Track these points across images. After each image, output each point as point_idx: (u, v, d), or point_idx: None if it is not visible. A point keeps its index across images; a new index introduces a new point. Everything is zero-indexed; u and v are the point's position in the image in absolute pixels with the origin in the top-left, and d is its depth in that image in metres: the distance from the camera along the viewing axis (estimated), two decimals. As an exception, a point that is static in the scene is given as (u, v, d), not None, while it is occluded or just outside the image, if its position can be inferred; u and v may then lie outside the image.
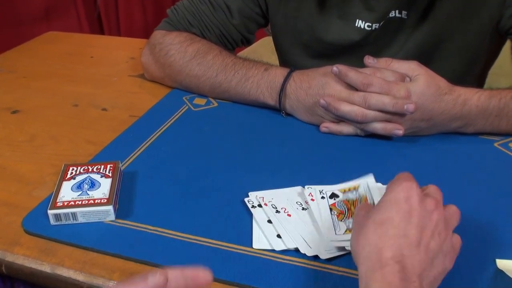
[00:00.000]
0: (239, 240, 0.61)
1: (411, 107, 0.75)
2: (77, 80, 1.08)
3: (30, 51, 1.26)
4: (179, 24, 1.02)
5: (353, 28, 0.95)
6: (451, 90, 0.78)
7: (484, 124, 0.80)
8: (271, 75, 0.88)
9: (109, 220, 0.64)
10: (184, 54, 0.95)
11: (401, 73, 0.80)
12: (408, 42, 0.95)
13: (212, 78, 0.93)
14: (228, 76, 0.91)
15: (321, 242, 0.59)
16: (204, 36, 1.02)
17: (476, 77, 1.07)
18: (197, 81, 0.95)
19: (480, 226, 0.63)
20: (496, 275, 0.56)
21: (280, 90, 0.86)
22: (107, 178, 0.68)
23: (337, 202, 0.65)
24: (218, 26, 1.02)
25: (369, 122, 0.79)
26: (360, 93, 0.78)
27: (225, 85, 0.92)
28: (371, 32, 0.94)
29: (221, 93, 0.94)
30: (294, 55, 1.06)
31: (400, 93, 0.76)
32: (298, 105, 0.86)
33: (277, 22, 1.05)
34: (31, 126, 0.89)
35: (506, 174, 0.74)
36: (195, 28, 1.02)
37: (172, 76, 0.98)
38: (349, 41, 0.96)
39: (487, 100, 0.79)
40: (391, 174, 0.72)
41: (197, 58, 0.94)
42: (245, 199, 0.67)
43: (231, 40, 1.05)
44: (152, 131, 0.84)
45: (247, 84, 0.90)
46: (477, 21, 0.92)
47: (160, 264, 0.57)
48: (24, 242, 0.62)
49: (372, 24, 0.93)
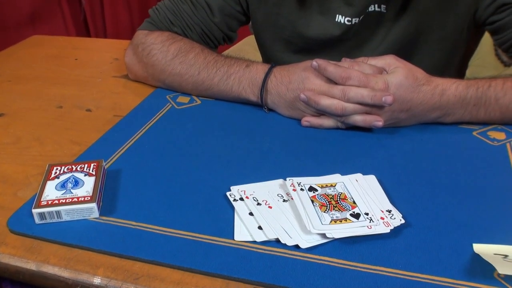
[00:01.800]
0: (221, 233, 0.61)
1: (389, 99, 0.76)
2: (61, 82, 1.08)
3: (15, 55, 1.26)
4: (160, 23, 1.03)
5: (333, 23, 0.96)
6: (428, 81, 0.80)
7: (463, 113, 0.82)
8: (252, 71, 0.89)
9: (93, 218, 0.65)
10: (166, 54, 0.96)
11: (379, 67, 0.81)
12: (388, 35, 0.97)
13: (194, 76, 0.93)
14: (210, 74, 0.92)
15: (302, 232, 0.60)
16: (186, 35, 1.03)
17: (457, 68, 1.08)
18: (180, 80, 0.96)
19: (458, 212, 0.65)
20: (473, 259, 0.57)
21: (262, 86, 0.87)
22: (90, 176, 0.69)
23: (317, 195, 0.66)
24: (200, 24, 1.03)
25: (348, 115, 0.80)
26: (339, 86, 0.79)
27: (207, 83, 0.93)
28: (351, 27, 0.96)
29: (204, 91, 0.95)
30: (277, 51, 1.08)
31: (378, 85, 0.78)
32: (280, 100, 0.87)
33: (258, 19, 1.06)
34: (16, 129, 0.89)
35: (484, 162, 0.75)
36: (176, 27, 1.02)
37: (155, 76, 0.99)
38: (329, 36, 0.98)
39: (464, 89, 0.80)
40: (371, 165, 0.74)
41: (179, 57, 0.95)
42: (227, 193, 0.68)
43: (213, 38, 1.06)
44: (136, 130, 0.85)
45: (229, 81, 0.91)
46: (455, 13, 0.93)
47: (143, 258, 0.58)
48: (10, 241, 0.62)
49: (352, 18, 0.94)
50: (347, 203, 0.65)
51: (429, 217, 0.64)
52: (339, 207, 0.64)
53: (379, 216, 0.62)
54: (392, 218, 0.62)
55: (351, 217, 0.62)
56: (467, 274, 0.55)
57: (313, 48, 1.02)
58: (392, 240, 0.60)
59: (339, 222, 0.61)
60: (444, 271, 0.55)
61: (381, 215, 0.63)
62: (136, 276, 0.56)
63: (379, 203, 0.65)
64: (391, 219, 0.62)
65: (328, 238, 0.59)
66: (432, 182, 0.71)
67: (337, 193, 0.67)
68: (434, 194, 0.68)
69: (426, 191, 0.69)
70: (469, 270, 0.56)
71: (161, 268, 0.58)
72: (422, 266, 0.56)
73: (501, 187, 0.69)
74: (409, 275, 0.55)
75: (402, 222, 0.62)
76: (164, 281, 0.56)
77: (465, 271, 0.56)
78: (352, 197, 0.66)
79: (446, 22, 0.94)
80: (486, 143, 0.80)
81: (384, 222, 0.61)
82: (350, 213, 0.63)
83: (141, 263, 0.58)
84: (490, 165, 0.75)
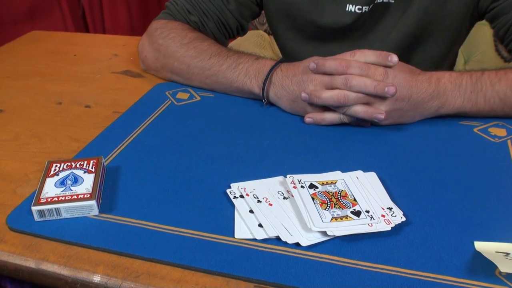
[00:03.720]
0: (221, 231, 0.61)
1: (392, 89, 0.76)
2: (60, 78, 1.08)
3: (13, 50, 1.25)
4: (178, 13, 1.06)
5: (344, 12, 1.00)
6: (422, 72, 0.82)
7: (463, 101, 0.81)
8: (261, 63, 0.91)
9: (93, 215, 0.65)
10: (183, 38, 0.99)
11: (381, 52, 0.81)
12: (397, 26, 1.00)
13: (205, 60, 0.95)
14: (220, 60, 0.93)
15: (302, 230, 0.60)
16: (202, 23, 1.06)
17: (454, 55, 1.13)
18: (190, 62, 0.96)
19: (459, 209, 0.64)
20: (474, 257, 0.57)
21: (266, 76, 0.88)
22: (90, 173, 0.69)
23: (318, 192, 0.66)
24: (215, 12, 1.06)
25: (350, 104, 0.80)
26: (342, 76, 0.79)
27: (215, 68, 0.94)
28: (361, 15, 0.99)
29: (210, 76, 0.95)
30: (289, 40, 1.12)
31: (379, 72, 0.78)
32: (283, 93, 0.87)
33: (271, 8, 1.10)
34: (15, 125, 0.89)
35: (485, 158, 0.75)
36: (193, 15, 1.05)
37: (166, 57, 1.00)
38: (341, 24, 1.01)
39: (458, 76, 0.82)
40: (372, 162, 0.74)
41: (195, 42, 0.97)
42: (227, 190, 0.67)
43: (228, 27, 1.09)
44: (136, 126, 0.85)
45: (236, 70, 0.92)
46: (459, 2, 0.95)
47: (143, 256, 0.58)
48: (9, 239, 0.62)
49: (362, 6, 0.98)
50: (348, 200, 0.64)
51: (430, 214, 0.64)
52: (339, 204, 0.63)
53: (380, 213, 0.62)
54: (393, 215, 0.62)
55: (351, 214, 0.62)
56: (468, 272, 0.55)
57: (325, 36, 1.06)
58: (393, 238, 0.60)
59: (340, 220, 0.61)
60: (446, 269, 0.55)
61: (382, 212, 0.62)
62: (136, 274, 0.56)
63: (380, 200, 0.65)
64: (392, 217, 0.62)
65: (329, 236, 0.59)
66: (433, 179, 0.71)
67: (338, 191, 0.66)
68: (435, 192, 0.68)
69: (427, 189, 0.69)
70: (471, 268, 0.55)
71: (161, 266, 0.57)
72: (423, 264, 0.56)
73: (502, 184, 0.69)
74: (410, 273, 0.55)
75: (403, 219, 0.62)
76: (164, 279, 0.56)
77: (466, 269, 0.55)
78: (353, 195, 0.65)
79: (451, 11, 0.97)
80: (487, 139, 0.80)
81: (385, 219, 0.61)
82: (351, 211, 0.62)
83: (141, 261, 0.58)
84: (491, 162, 0.74)
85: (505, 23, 0.92)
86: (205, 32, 1.06)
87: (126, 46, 1.25)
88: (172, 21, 1.05)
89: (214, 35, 1.08)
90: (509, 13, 0.91)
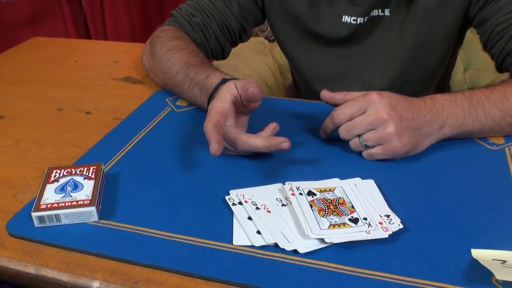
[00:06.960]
0: (219, 237, 0.62)
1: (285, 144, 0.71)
2: (61, 84, 1.09)
3: (15, 56, 1.26)
4: (181, 18, 1.07)
5: (340, 24, 1.01)
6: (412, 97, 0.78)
7: (464, 116, 0.78)
8: (208, 82, 0.85)
9: (92, 221, 0.65)
10: (162, 48, 0.98)
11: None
12: (394, 37, 1.00)
13: (172, 77, 0.94)
14: (183, 78, 0.91)
15: (300, 237, 0.61)
16: (205, 24, 1.06)
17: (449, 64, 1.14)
18: (163, 77, 0.97)
19: (457, 217, 0.65)
20: (471, 264, 0.57)
21: (210, 95, 0.83)
22: (90, 180, 0.69)
23: (316, 199, 0.66)
24: (218, 14, 1.07)
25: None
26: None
27: (181, 87, 0.92)
28: (357, 27, 1.00)
29: (181, 94, 0.95)
30: (290, 49, 1.13)
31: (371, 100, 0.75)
32: None
33: (272, 15, 1.11)
34: (16, 131, 0.89)
35: (483, 166, 0.75)
36: (196, 17, 1.06)
37: (153, 68, 1.01)
38: (338, 35, 1.02)
39: (451, 95, 0.79)
40: (370, 169, 0.74)
41: (169, 54, 0.96)
42: (226, 197, 0.68)
43: (231, 30, 1.09)
44: (135, 133, 0.85)
45: (194, 89, 0.88)
46: (454, 10, 0.96)
47: (141, 262, 0.58)
48: (9, 245, 0.63)
49: (357, 18, 0.99)
50: (346, 207, 0.65)
51: (428, 222, 0.64)
52: (337, 211, 0.64)
53: (378, 221, 0.62)
54: (391, 223, 0.62)
55: (349, 222, 0.62)
56: (465, 279, 0.55)
57: (324, 45, 1.07)
58: (391, 245, 0.60)
59: (338, 227, 0.61)
60: (443, 276, 0.55)
61: (380, 220, 0.63)
62: (135, 280, 0.57)
63: (378, 207, 0.65)
64: (389, 224, 0.62)
65: (327, 243, 0.59)
66: (430, 187, 0.71)
67: (336, 198, 0.67)
68: (432, 199, 0.68)
69: (425, 196, 0.69)
70: (468, 276, 0.56)
71: (160, 272, 0.58)
72: (420, 271, 0.56)
73: (500, 192, 0.69)
74: (407, 280, 0.55)
75: (400, 227, 0.62)
76: (162, 285, 0.56)
77: (463, 276, 0.55)
78: (351, 202, 0.66)
79: (447, 20, 0.97)
80: (485, 147, 0.80)
81: (383, 227, 0.61)
82: (349, 218, 0.63)
83: (140, 267, 0.58)
84: (489, 169, 0.75)
85: (486, 29, 0.93)
86: (208, 34, 1.07)
87: (127, 53, 1.26)
88: (167, 28, 1.05)
89: (218, 38, 1.08)
90: (490, 19, 0.92)
